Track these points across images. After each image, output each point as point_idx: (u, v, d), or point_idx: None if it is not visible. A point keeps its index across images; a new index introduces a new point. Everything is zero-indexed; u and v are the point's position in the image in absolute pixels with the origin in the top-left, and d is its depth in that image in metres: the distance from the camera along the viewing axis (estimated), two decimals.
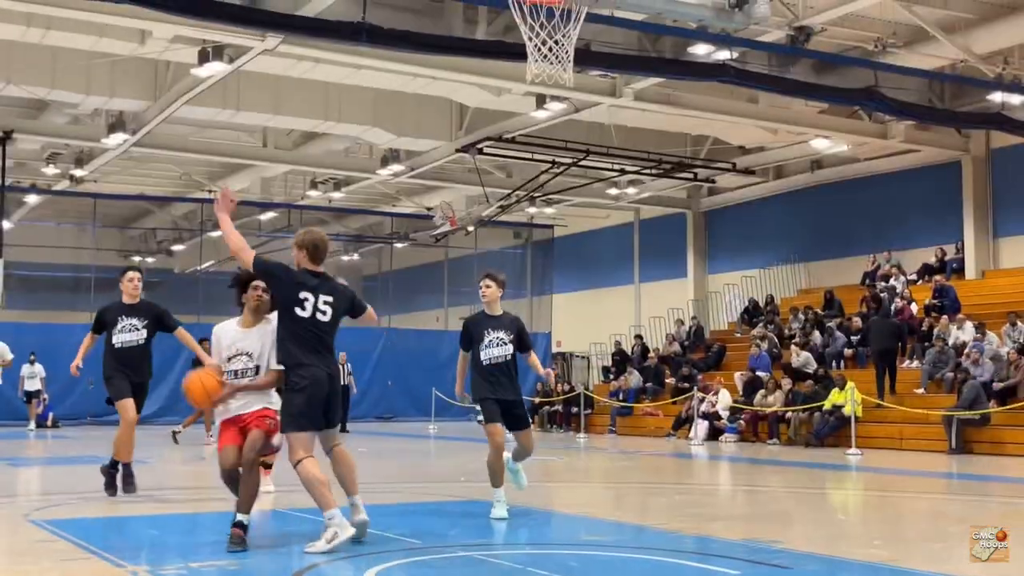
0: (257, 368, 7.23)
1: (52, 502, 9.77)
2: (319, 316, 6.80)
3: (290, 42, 16.61)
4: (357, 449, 19.53)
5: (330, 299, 6.86)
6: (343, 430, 24.51)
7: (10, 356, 22.06)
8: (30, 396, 24.36)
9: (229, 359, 7.20)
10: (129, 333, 9.62)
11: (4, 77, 19.20)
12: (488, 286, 8.49)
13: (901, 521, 9.50)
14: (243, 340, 7.22)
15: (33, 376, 24.29)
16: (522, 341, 8.50)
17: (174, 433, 18.74)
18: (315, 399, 6.71)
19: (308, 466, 6.63)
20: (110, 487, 9.76)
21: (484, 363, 8.34)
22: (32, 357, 24.21)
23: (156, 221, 35.69)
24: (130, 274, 9.86)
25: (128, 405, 9.56)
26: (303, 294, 6.78)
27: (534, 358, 8.86)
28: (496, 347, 8.34)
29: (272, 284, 6.95)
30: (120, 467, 9.72)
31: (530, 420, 8.81)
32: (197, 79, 18.57)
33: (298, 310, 6.76)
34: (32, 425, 24.06)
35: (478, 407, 8.61)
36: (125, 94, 20.47)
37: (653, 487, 12.66)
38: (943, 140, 23.81)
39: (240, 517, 6.77)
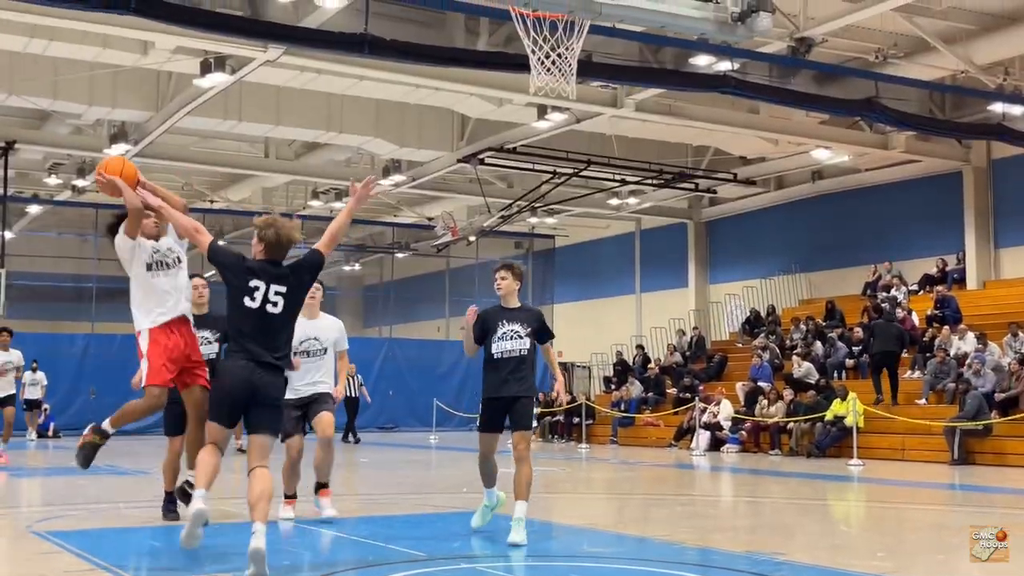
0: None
1: (54, 513, 9.76)
2: (269, 308, 6.39)
3: (292, 53, 16.66)
4: (359, 460, 19.57)
5: (283, 290, 6.43)
6: (351, 439, 24.64)
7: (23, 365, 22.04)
8: (31, 405, 24.27)
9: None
10: (209, 346, 8.56)
11: (7, 88, 19.26)
12: (504, 277, 7.99)
13: (904, 533, 9.50)
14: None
15: (35, 383, 24.19)
16: (540, 333, 7.95)
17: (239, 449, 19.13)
18: (229, 395, 6.32)
19: (204, 450, 6.41)
20: (175, 504, 8.81)
21: (495, 356, 7.82)
22: (35, 364, 24.17)
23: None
24: (194, 281, 8.80)
25: (174, 442, 8.61)
26: (254, 282, 6.40)
27: (551, 352, 8.20)
28: (509, 340, 7.80)
29: (224, 273, 6.54)
30: (164, 493, 8.88)
31: (532, 424, 8.14)
32: (199, 90, 18.63)
33: (247, 300, 6.38)
34: (33, 435, 24.03)
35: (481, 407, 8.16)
36: (127, 105, 20.53)
37: (655, 498, 12.65)
38: (944, 151, 23.85)
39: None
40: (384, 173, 25.61)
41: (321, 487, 8.85)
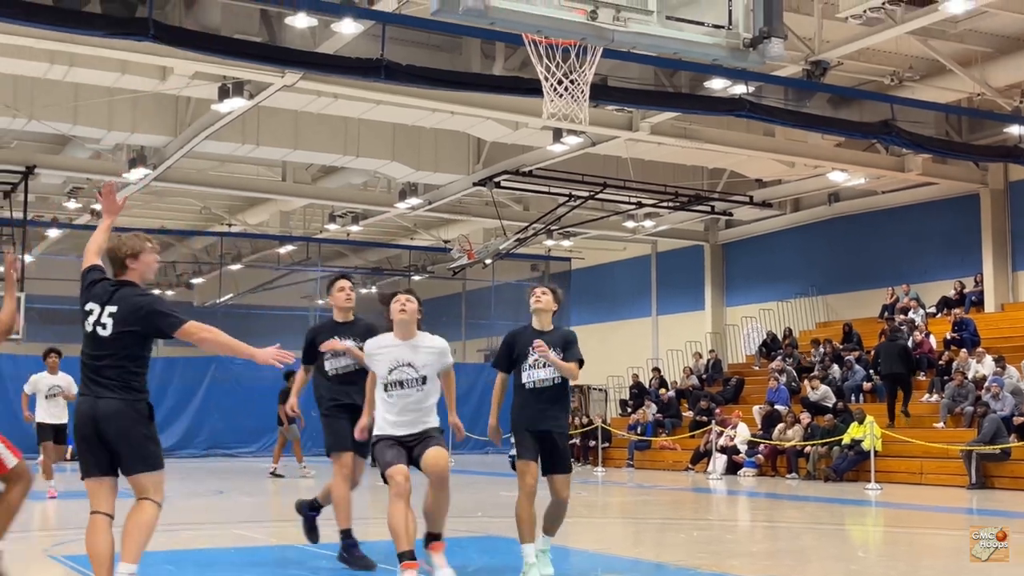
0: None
1: (71, 537, 9.78)
2: (99, 331, 5.68)
3: (309, 78, 16.78)
4: (375, 484, 19.50)
5: (114, 309, 5.68)
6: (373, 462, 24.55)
7: (74, 390, 22.11)
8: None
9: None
10: (345, 357, 7.75)
11: (27, 113, 19.44)
12: (544, 293, 7.36)
13: (920, 558, 9.43)
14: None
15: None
16: (567, 353, 7.17)
17: (272, 473, 19.60)
18: (80, 442, 5.65)
19: (90, 525, 5.57)
20: (310, 532, 8.23)
21: (526, 386, 7.14)
22: None
23: (176, 254, 35.93)
24: (340, 283, 8.04)
25: (345, 460, 7.74)
26: (89, 306, 5.75)
27: (569, 365, 7.16)
28: (541, 368, 7.11)
29: None
30: (340, 534, 7.90)
31: (571, 466, 7.34)
32: (217, 114, 18.76)
33: (85, 326, 5.74)
34: None
35: (512, 440, 7.36)
36: (146, 129, 20.68)
37: (671, 522, 12.60)
38: (961, 173, 23.79)
39: None
40: (400, 196, 25.71)
41: (432, 538, 7.07)
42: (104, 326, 5.65)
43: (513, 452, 7.39)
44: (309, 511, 8.20)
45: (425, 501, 7.02)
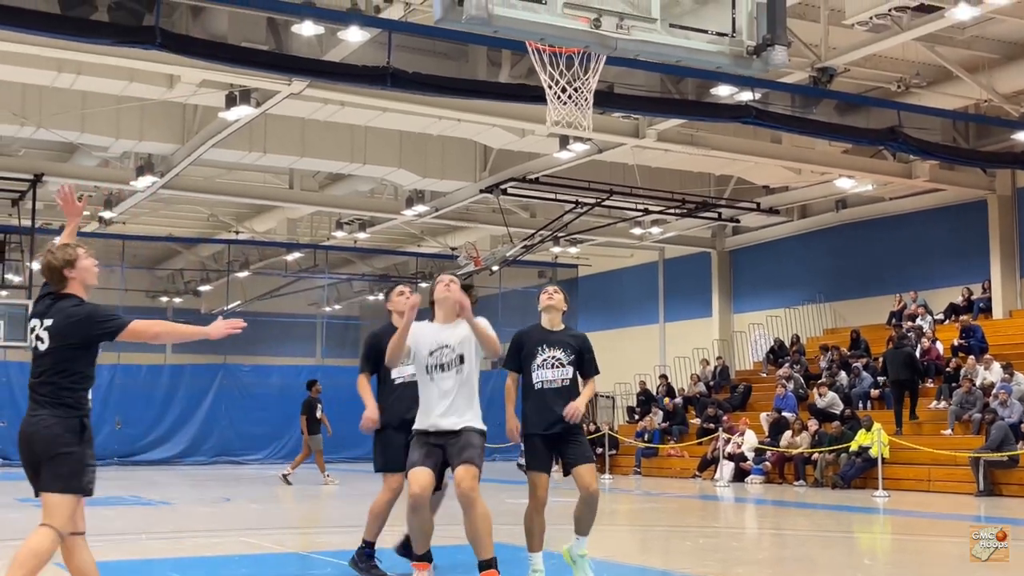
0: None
1: None
2: (38, 345, 5.48)
3: (316, 86, 16.83)
4: (377, 489, 19.45)
5: (50, 322, 5.46)
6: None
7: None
8: None
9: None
10: (412, 366, 7.20)
11: (35, 121, 19.52)
12: (556, 291, 7.21)
13: (928, 566, 9.40)
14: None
15: None
16: (583, 365, 7.09)
17: (284, 476, 19.62)
18: (23, 463, 5.47)
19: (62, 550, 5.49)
20: (405, 547, 7.75)
21: (536, 387, 7.02)
22: None
23: (183, 262, 36.04)
24: (400, 288, 7.84)
25: (396, 480, 7.42)
26: (32, 322, 5.58)
27: (590, 387, 7.17)
28: (550, 368, 6.98)
29: None
30: (362, 541, 7.74)
31: (593, 455, 7.17)
32: (224, 122, 18.81)
33: (29, 342, 5.57)
34: None
35: (522, 445, 7.21)
36: (154, 137, 20.75)
37: (678, 530, 12.58)
38: (968, 179, 23.75)
39: None
40: (407, 203, 25.75)
41: (483, 567, 6.59)
42: (42, 340, 5.45)
43: (522, 460, 7.25)
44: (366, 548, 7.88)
45: (464, 527, 6.68)
